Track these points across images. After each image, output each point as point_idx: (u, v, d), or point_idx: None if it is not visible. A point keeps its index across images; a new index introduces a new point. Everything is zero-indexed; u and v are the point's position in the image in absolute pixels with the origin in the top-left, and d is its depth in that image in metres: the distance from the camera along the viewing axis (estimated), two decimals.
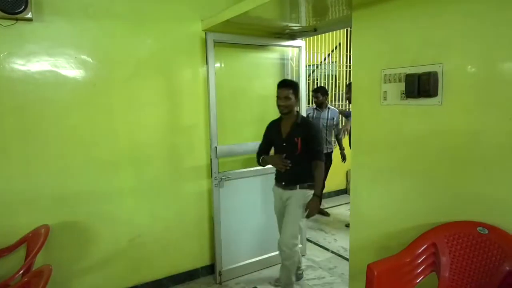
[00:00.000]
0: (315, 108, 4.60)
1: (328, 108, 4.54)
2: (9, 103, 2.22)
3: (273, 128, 2.70)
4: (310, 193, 2.54)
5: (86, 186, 2.50)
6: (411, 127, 1.94)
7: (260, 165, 2.74)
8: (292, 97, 2.50)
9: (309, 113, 4.63)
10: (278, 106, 2.53)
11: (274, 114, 3.39)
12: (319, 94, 4.49)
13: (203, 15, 2.82)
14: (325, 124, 4.51)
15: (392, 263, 1.71)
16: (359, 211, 2.31)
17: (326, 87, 5.30)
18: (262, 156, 2.71)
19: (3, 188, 2.24)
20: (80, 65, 2.41)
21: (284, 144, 2.56)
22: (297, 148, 2.51)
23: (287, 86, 2.50)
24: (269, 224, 3.18)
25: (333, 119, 4.51)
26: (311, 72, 5.34)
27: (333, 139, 4.66)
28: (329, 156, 4.57)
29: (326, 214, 4.68)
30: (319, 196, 2.50)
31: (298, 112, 2.62)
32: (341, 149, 4.65)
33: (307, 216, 2.54)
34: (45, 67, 2.30)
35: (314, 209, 2.50)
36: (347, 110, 5.01)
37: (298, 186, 2.56)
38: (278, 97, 2.51)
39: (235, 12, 2.43)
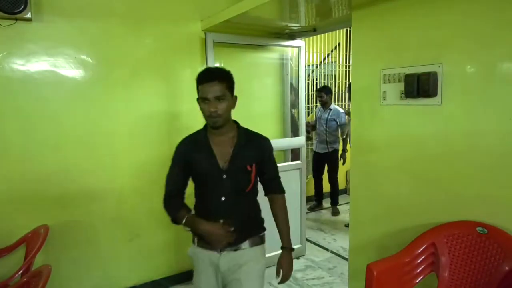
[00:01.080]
0: (321, 107, 4.61)
1: (330, 109, 4.50)
2: (9, 103, 2.22)
3: (195, 152, 1.59)
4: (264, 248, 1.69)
5: (86, 186, 2.50)
6: (410, 127, 1.94)
7: (176, 223, 1.68)
8: (228, 96, 1.49)
9: (317, 112, 4.68)
10: (209, 115, 1.48)
11: (273, 114, 3.41)
12: (323, 93, 4.48)
13: (202, 15, 2.82)
14: (324, 125, 4.49)
15: (392, 263, 1.71)
16: (359, 211, 2.31)
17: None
18: (181, 209, 1.65)
19: (3, 188, 2.24)
20: (79, 65, 2.41)
21: (225, 176, 1.51)
22: (249, 181, 1.55)
23: (219, 79, 1.46)
24: (268, 223, 3.18)
25: (335, 120, 4.46)
26: (310, 72, 5.34)
27: (339, 137, 4.62)
28: (332, 155, 4.55)
29: (337, 212, 4.73)
30: (292, 249, 1.67)
31: (236, 121, 1.66)
32: (343, 150, 4.62)
33: (282, 281, 1.67)
34: (44, 67, 2.30)
35: (290, 270, 1.65)
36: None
37: (248, 242, 1.60)
38: (205, 99, 1.46)
39: (235, 12, 2.43)
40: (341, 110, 4.53)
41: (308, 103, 5.13)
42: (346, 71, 5.59)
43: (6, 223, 2.25)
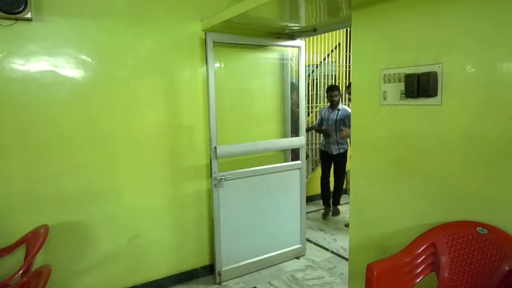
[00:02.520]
0: (329, 107, 4.42)
1: (338, 109, 4.32)
2: (8, 103, 2.22)
3: None
4: None
5: (86, 186, 2.50)
6: (410, 127, 1.94)
7: None
8: None
9: (322, 113, 4.52)
10: None
11: (273, 114, 3.41)
12: (336, 91, 4.31)
13: (202, 15, 2.82)
14: (334, 126, 4.32)
15: (392, 263, 1.71)
16: (359, 211, 2.31)
17: (326, 87, 5.28)
18: None
19: (3, 188, 2.24)
20: (79, 65, 2.41)
21: None
22: None
23: None
24: (269, 224, 3.18)
25: (344, 120, 4.30)
26: (310, 72, 5.34)
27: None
28: (344, 156, 4.46)
29: (337, 212, 4.67)
30: None
31: None
32: None
33: None
34: (44, 67, 2.30)
35: None
36: None
37: None
38: None
39: (235, 12, 2.43)
40: (349, 110, 4.28)
41: (308, 103, 5.13)
42: (346, 71, 5.60)
43: (6, 223, 2.25)
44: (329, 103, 4.44)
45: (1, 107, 2.20)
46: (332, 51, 5.48)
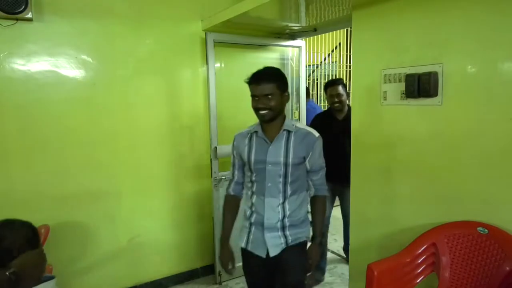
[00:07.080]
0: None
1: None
2: (9, 103, 2.22)
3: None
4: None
5: (86, 186, 2.50)
6: (411, 127, 1.94)
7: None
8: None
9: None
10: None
11: None
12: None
13: (203, 15, 2.82)
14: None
15: (392, 263, 1.71)
16: (359, 211, 2.31)
17: None
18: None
19: (3, 188, 2.24)
20: (80, 65, 2.41)
21: None
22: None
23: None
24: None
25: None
26: (311, 72, 5.34)
27: None
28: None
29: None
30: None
31: None
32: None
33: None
34: (45, 67, 2.30)
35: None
36: None
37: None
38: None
39: (235, 12, 2.43)
40: None
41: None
42: (346, 71, 5.60)
43: None
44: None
45: (2, 107, 2.20)
46: (332, 51, 5.49)
